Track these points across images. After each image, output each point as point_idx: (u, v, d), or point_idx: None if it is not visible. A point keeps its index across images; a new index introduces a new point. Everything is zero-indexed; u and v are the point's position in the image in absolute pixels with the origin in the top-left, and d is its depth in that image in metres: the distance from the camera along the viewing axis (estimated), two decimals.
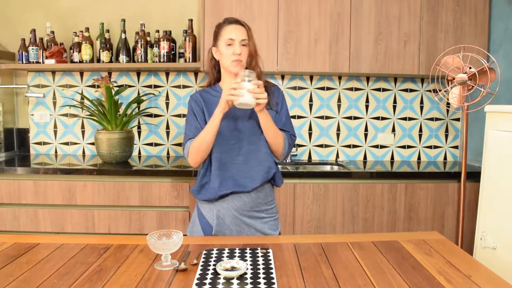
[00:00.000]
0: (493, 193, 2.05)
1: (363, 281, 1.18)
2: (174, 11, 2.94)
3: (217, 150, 1.67)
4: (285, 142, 1.72)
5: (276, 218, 1.76)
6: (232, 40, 1.65)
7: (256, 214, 1.69)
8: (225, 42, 1.66)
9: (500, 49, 2.60)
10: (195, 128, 1.69)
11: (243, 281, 1.15)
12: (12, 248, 1.40)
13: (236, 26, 1.67)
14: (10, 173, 2.45)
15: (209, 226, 1.68)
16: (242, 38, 1.65)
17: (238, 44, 1.65)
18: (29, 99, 3.01)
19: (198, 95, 1.75)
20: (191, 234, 1.73)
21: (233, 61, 1.65)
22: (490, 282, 1.18)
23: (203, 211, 1.71)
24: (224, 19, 1.72)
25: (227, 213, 1.66)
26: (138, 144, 3.04)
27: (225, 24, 1.69)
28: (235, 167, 1.66)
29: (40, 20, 2.92)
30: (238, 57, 1.64)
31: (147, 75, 2.99)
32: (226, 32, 1.67)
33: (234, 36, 1.65)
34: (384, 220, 2.52)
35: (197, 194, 1.71)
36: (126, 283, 1.15)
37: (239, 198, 1.66)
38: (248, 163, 1.67)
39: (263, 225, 1.70)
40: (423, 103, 3.03)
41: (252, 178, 1.66)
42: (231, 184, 1.65)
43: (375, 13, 2.64)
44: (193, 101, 1.73)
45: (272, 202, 1.76)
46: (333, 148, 3.04)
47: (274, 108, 1.73)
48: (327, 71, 2.67)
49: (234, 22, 1.68)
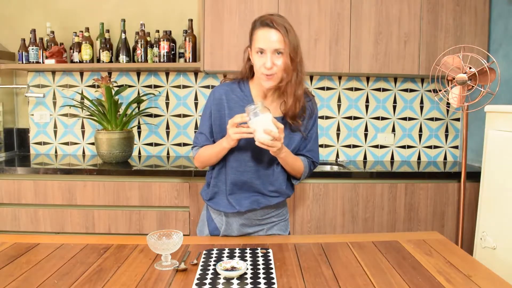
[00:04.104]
0: (493, 193, 2.05)
1: (363, 281, 1.18)
2: (174, 11, 2.94)
3: (233, 170, 1.54)
4: (305, 171, 1.58)
5: (286, 219, 1.70)
6: (263, 49, 1.39)
7: (266, 220, 1.63)
8: (256, 50, 1.41)
9: (500, 49, 2.60)
10: (205, 137, 1.56)
11: (243, 281, 1.15)
12: (12, 248, 1.40)
13: (269, 31, 1.38)
14: (10, 173, 2.45)
15: (217, 229, 1.63)
16: (275, 48, 1.37)
17: (270, 54, 1.38)
18: (29, 99, 3.01)
19: (222, 93, 1.53)
20: (201, 234, 1.67)
21: (263, 74, 1.41)
22: (490, 282, 1.18)
23: (212, 214, 1.65)
24: (259, 18, 1.43)
25: (237, 221, 1.60)
26: (138, 144, 3.04)
27: (258, 26, 1.42)
28: (251, 189, 1.55)
29: (40, 20, 2.92)
30: (269, 71, 1.39)
31: (147, 75, 2.99)
32: (257, 38, 1.41)
33: (265, 45, 1.38)
34: (384, 220, 2.52)
35: (208, 201, 1.61)
36: (126, 283, 1.15)
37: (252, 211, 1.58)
38: (265, 188, 1.55)
39: (272, 229, 1.64)
40: (423, 103, 3.03)
41: (268, 200, 1.57)
42: (246, 203, 1.55)
43: (375, 13, 2.64)
44: (215, 105, 1.53)
45: (283, 205, 1.68)
46: (333, 148, 3.04)
47: (304, 134, 1.55)
48: (327, 71, 2.67)
49: (267, 25, 1.39)
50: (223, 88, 1.55)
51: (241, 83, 1.56)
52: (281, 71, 1.41)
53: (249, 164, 1.53)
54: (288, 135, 1.52)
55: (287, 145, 1.51)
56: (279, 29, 1.38)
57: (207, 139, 1.57)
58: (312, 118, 1.57)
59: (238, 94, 1.53)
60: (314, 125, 1.59)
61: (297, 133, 1.54)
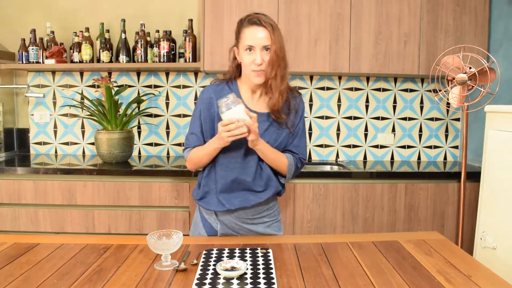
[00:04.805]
0: (493, 193, 2.05)
1: (363, 281, 1.18)
2: (174, 11, 2.94)
3: (222, 167, 1.57)
4: (289, 169, 1.59)
5: (278, 219, 1.73)
6: (252, 46, 1.45)
7: (258, 220, 1.65)
8: (245, 47, 1.47)
9: (500, 49, 2.60)
10: (197, 137, 1.59)
11: (243, 281, 1.15)
12: (12, 248, 1.40)
13: (257, 29, 1.45)
14: (10, 173, 2.45)
15: (213, 229, 1.65)
16: (264, 44, 1.45)
17: (260, 51, 1.45)
18: (29, 99, 3.01)
19: (211, 93, 1.57)
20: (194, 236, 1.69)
21: (253, 71, 1.47)
22: (490, 282, 1.18)
23: (204, 215, 1.67)
24: (246, 17, 1.50)
25: (230, 221, 1.62)
26: (138, 144, 3.04)
27: (245, 25, 1.48)
28: (241, 186, 1.57)
29: (40, 20, 2.92)
30: (259, 67, 1.46)
31: (147, 75, 2.99)
32: (245, 36, 1.47)
33: (254, 42, 1.45)
34: (384, 220, 2.52)
35: (200, 201, 1.64)
36: (126, 283, 1.15)
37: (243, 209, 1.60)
38: (255, 183, 1.57)
39: (266, 229, 1.67)
40: (423, 103, 3.03)
41: (258, 197, 1.59)
42: (237, 201, 1.57)
43: (375, 13, 2.64)
44: (203, 104, 1.57)
45: (274, 205, 1.71)
46: (333, 148, 3.04)
47: (292, 130, 1.58)
48: (327, 71, 2.67)
49: (255, 22, 1.46)
50: (211, 88, 1.60)
51: (229, 83, 1.60)
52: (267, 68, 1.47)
53: (238, 161, 1.56)
54: (276, 131, 1.57)
55: (274, 140, 1.56)
56: (266, 26, 1.45)
57: (199, 138, 1.60)
58: (299, 114, 1.61)
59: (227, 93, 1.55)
60: (300, 121, 1.62)
61: (284, 129, 1.58)
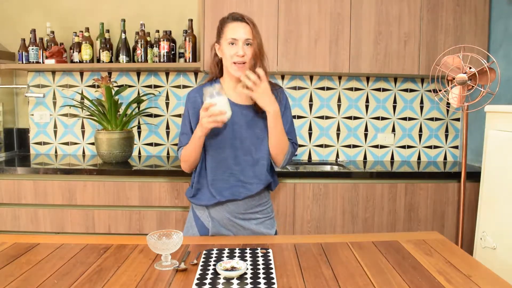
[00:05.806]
0: (493, 193, 2.05)
1: (363, 281, 1.18)
2: (174, 11, 2.94)
3: (213, 159, 1.62)
4: (288, 150, 1.65)
5: (271, 217, 1.74)
6: (235, 39, 1.54)
7: (250, 216, 1.67)
8: (228, 41, 1.56)
9: (500, 49, 2.60)
10: (188, 136, 1.64)
11: (243, 281, 1.15)
12: (12, 248, 1.40)
13: (240, 24, 1.56)
14: (10, 173, 2.45)
15: (204, 228, 1.68)
16: (246, 38, 1.55)
17: (242, 44, 1.54)
18: (29, 99, 3.01)
19: (196, 95, 1.66)
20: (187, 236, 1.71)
21: (234, 62, 1.55)
22: (490, 282, 1.18)
23: (197, 213, 1.70)
24: (228, 15, 1.61)
25: (221, 216, 1.65)
26: (138, 144, 3.04)
27: (229, 21, 1.58)
28: (232, 177, 1.62)
29: (40, 20, 2.92)
30: (241, 59, 1.54)
31: (147, 75, 2.99)
32: (228, 30, 1.56)
33: (237, 35, 1.54)
34: (384, 220, 2.52)
35: (192, 198, 1.68)
36: (126, 283, 1.15)
37: (234, 203, 1.64)
38: (245, 174, 1.62)
39: (259, 226, 1.69)
40: (423, 103, 3.03)
41: (248, 189, 1.62)
42: (227, 193, 1.61)
43: (375, 13, 2.64)
44: (190, 103, 1.66)
45: (267, 202, 1.73)
46: (333, 148, 3.04)
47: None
48: (327, 71, 2.67)
49: (238, 19, 1.57)
50: (196, 89, 1.69)
51: (213, 83, 1.66)
52: (250, 60, 1.56)
53: (227, 151, 1.61)
54: (262, 121, 1.63)
55: (261, 129, 1.63)
56: (248, 23, 1.57)
57: (189, 137, 1.64)
58: (282, 104, 1.66)
59: None
60: (286, 111, 1.68)
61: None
